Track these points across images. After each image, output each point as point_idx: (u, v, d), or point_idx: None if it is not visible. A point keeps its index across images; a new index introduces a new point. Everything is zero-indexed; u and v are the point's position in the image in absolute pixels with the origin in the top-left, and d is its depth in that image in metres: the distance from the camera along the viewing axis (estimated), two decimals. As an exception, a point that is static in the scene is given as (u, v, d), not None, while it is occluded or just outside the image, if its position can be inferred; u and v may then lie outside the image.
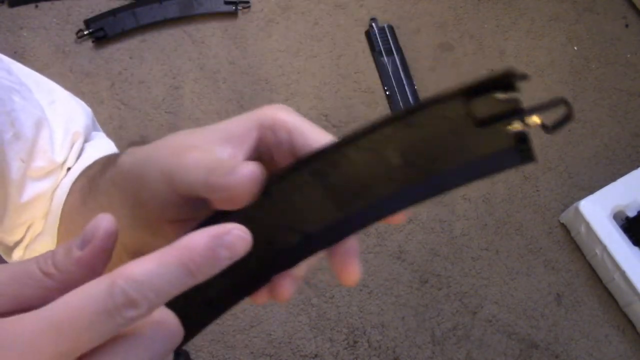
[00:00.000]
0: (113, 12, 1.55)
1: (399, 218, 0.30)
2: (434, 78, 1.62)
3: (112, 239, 0.24)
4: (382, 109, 1.57)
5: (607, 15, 1.77)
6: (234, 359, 1.30)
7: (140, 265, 0.22)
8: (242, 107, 1.51)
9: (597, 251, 1.39)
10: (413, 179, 0.30)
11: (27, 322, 0.22)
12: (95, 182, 0.45)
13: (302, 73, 1.59)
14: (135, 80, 1.53)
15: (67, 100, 0.54)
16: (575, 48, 1.72)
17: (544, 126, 0.28)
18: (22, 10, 1.55)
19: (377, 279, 1.40)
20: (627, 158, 1.59)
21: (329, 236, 0.30)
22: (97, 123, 0.57)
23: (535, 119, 0.28)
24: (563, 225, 1.50)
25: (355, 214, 0.30)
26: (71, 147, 0.51)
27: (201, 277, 0.23)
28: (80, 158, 0.51)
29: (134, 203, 0.34)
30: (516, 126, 0.28)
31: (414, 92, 1.58)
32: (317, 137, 0.32)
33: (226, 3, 1.61)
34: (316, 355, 1.32)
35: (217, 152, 0.31)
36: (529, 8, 1.76)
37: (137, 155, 0.35)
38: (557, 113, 0.27)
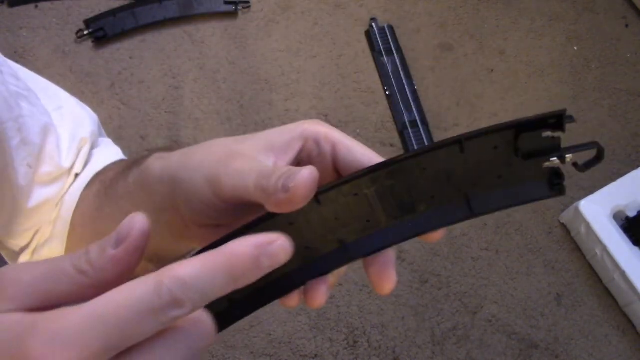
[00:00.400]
0: (113, 12, 1.55)
1: (436, 236, 0.32)
2: (434, 78, 1.62)
3: (146, 237, 0.25)
4: (382, 109, 1.57)
5: (607, 15, 1.77)
6: (233, 359, 1.30)
7: (187, 267, 0.23)
8: (242, 107, 1.51)
9: (597, 251, 1.39)
10: (453, 199, 0.31)
11: (73, 317, 0.22)
12: (113, 187, 0.45)
13: (302, 73, 1.59)
14: (135, 80, 1.53)
15: (73, 106, 0.54)
16: (575, 48, 1.72)
17: (576, 165, 0.31)
18: (22, 10, 1.55)
19: (377, 279, 1.40)
20: (627, 158, 1.59)
21: (367, 247, 0.32)
22: (102, 129, 0.57)
23: (570, 158, 0.31)
24: (563, 225, 1.50)
25: (396, 227, 0.31)
26: (78, 153, 0.51)
27: (242, 284, 0.24)
28: (89, 164, 0.52)
29: (163, 207, 0.35)
30: (553, 162, 0.31)
31: (414, 92, 1.58)
32: (363, 151, 0.34)
33: (226, 3, 1.61)
34: (316, 355, 1.32)
35: (261, 160, 0.32)
36: (529, 8, 1.76)
37: (170, 159, 0.35)
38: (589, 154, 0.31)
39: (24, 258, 0.53)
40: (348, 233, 0.31)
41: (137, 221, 0.25)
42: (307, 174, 0.28)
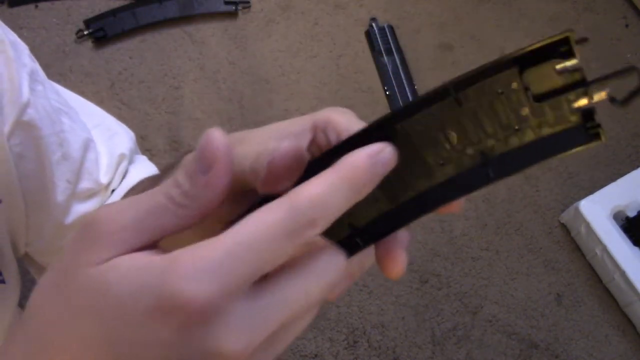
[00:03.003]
0: (113, 12, 1.55)
1: (456, 207, 0.29)
2: (434, 78, 1.62)
3: (231, 153, 0.25)
4: (382, 109, 1.57)
5: (607, 15, 1.77)
6: (234, 359, 1.30)
7: (313, 187, 0.24)
8: (242, 107, 1.51)
9: (597, 251, 1.39)
10: (467, 164, 0.27)
11: (211, 249, 0.23)
12: None
13: (302, 73, 1.59)
14: (135, 80, 1.53)
15: (111, 123, 0.55)
16: (575, 48, 1.72)
17: (612, 99, 0.25)
18: (22, 10, 1.55)
19: (377, 279, 1.40)
20: (627, 158, 1.59)
21: (379, 229, 0.29)
22: (137, 147, 0.58)
23: (602, 92, 0.25)
24: (563, 225, 1.50)
25: (407, 205, 0.28)
26: (116, 169, 0.52)
27: (364, 193, 0.25)
28: (125, 180, 0.52)
29: None
30: (581, 101, 0.25)
31: (414, 92, 1.58)
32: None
33: (226, 3, 1.61)
34: (316, 355, 1.32)
35: (267, 146, 0.32)
36: (529, 8, 1.76)
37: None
38: (626, 84, 0.24)
39: None
40: (357, 217, 0.28)
41: (217, 138, 0.24)
42: (286, 146, 0.27)
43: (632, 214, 1.41)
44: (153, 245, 0.25)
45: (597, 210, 1.39)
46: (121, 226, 0.24)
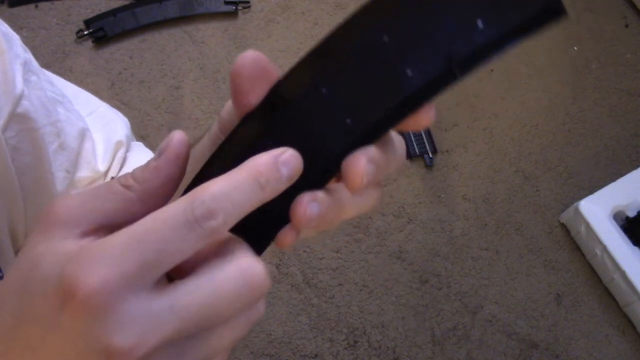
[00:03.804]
0: (113, 12, 1.55)
1: (425, 118, 0.27)
2: (434, 78, 1.62)
3: (185, 146, 0.27)
4: (382, 109, 1.57)
5: (607, 15, 1.77)
6: (234, 359, 1.30)
7: (215, 182, 0.24)
8: (242, 107, 1.51)
9: (597, 251, 1.39)
10: (429, 65, 0.24)
11: (116, 237, 0.23)
12: None
13: (302, 73, 1.59)
14: (135, 80, 1.53)
15: (105, 111, 0.55)
16: (575, 48, 1.72)
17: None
18: (22, 10, 1.55)
19: (377, 279, 1.40)
20: (627, 158, 1.59)
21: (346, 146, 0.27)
22: (132, 134, 0.58)
23: None
24: (563, 225, 1.50)
25: (363, 125, 0.26)
26: (113, 157, 0.52)
27: (269, 192, 0.25)
28: (123, 167, 0.52)
29: None
30: None
31: (414, 92, 1.58)
32: None
33: (226, 3, 1.61)
34: (316, 355, 1.32)
35: None
36: (529, 8, 1.76)
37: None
38: None
39: None
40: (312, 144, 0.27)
41: (175, 134, 0.27)
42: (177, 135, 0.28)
43: (632, 214, 1.41)
44: (109, 224, 0.25)
45: (597, 210, 1.39)
46: (70, 210, 0.25)
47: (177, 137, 0.27)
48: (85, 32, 1.52)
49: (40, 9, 1.56)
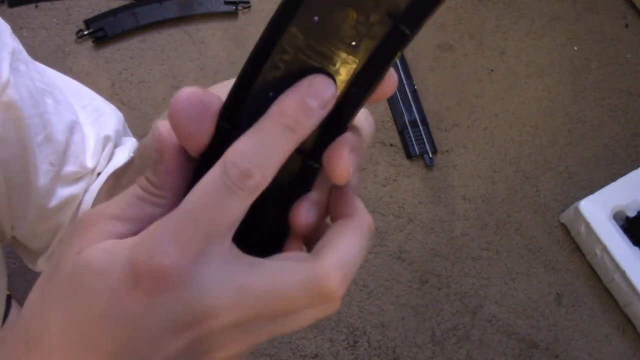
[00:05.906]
0: (113, 12, 1.55)
1: (388, 87, 0.27)
2: (434, 78, 1.62)
3: (173, 136, 0.26)
4: (382, 109, 1.57)
5: (607, 15, 1.77)
6: (234, 359, 1.30)
7: (242, 140, 0.24)
8: (242, 107, 1.51)
9: (597, 251, 1.39)
10: (380, 32, 0.25)
11: (169, 220, 0.24)
12: (119, 179, 0.44)
13: (302, 73, 1.59)
14: (135, 80, 1.53)
15: (99, 104, 0.54)
16: (575, 48, 1.72)
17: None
18: (22, 10, 1.55)
19: (377, 279, 1.40)
20: (627, 158, 1.59)
21: (326, 139, 0.27)
22: (127, 128, 0.57)
23: None
24: (563, 225, 1.50)
25: (344, 101, 0.26)
26: (102, 152, 0.51)
27: (301, 131, 0.24)
28: (111, 162, 0.51)
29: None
30: None
31: (414, 92, 1.58)
32: None
33: (226, 3, 1.61)
34: (316, 355, 1.32)
35: None
36: (529, 8, 1.76)
37: (144, 140, 0.37)
38: None
39: (42, 260, 0.52)
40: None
41: (159, 129, 0.27)
42: (182, 94, 0.27)
43: (632, 214, 1.41)
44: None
45: (597, 210, 1.39)
46: (106, 218, 0.25)
47: (163, 131, 0.27)
48: (85, 32, 1.52)
49: (40, 9, 1.56)
